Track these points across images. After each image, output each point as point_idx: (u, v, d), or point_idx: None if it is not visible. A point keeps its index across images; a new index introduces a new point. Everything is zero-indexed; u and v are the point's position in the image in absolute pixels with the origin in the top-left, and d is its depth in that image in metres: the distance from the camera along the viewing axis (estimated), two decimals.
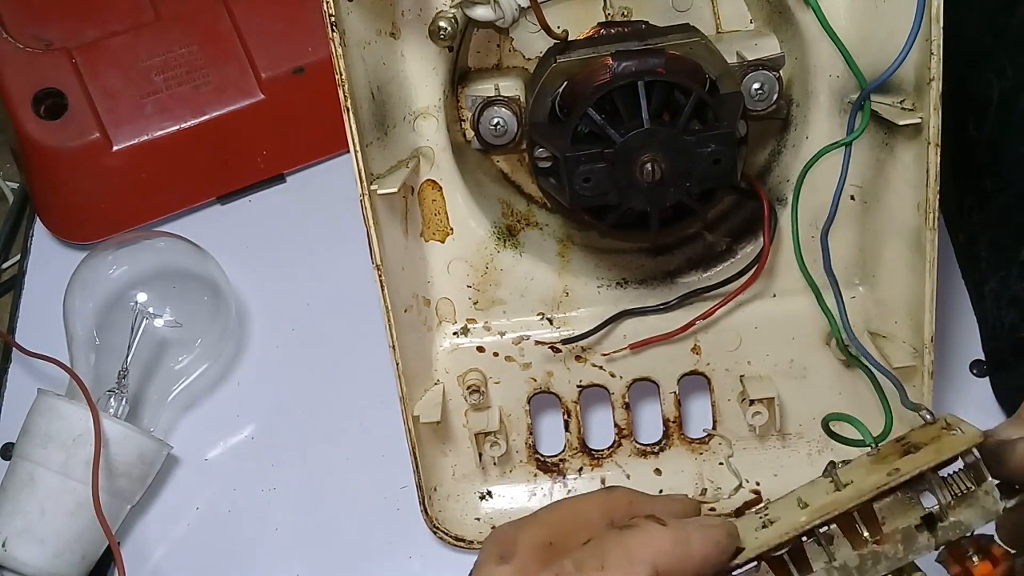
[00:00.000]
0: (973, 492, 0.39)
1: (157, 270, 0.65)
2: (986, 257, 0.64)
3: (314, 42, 0.72)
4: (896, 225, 0.55)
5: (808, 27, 0.54)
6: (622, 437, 0.61)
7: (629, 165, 0.50)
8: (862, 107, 0.52)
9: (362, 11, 0.52)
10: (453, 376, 0.60)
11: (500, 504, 0.61)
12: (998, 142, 0.63)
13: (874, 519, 0.40)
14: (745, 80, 0.55)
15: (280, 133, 0.73)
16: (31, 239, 0.75)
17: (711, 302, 0.59)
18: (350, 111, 0.50)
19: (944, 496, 0.39)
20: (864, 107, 0.52)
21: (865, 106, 0.52)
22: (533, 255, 0.60)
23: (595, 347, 0.60)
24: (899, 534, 0.39)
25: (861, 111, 0.52)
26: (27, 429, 0.59)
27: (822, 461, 0.60)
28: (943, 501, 0.39)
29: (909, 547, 0.39)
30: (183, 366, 0.64)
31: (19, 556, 0.57)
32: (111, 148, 0.70)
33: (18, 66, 0.69)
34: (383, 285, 0.53)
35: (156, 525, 0.63)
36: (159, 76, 0.71)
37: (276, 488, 0.64)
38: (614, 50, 0.52)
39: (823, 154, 0.53)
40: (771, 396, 0.59)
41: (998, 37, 0.63)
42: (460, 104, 0.58)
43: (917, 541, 0.39)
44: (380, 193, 0.52)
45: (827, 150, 0.53)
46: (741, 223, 0.60)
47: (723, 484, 0.60)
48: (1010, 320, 0.62)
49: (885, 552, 0.39)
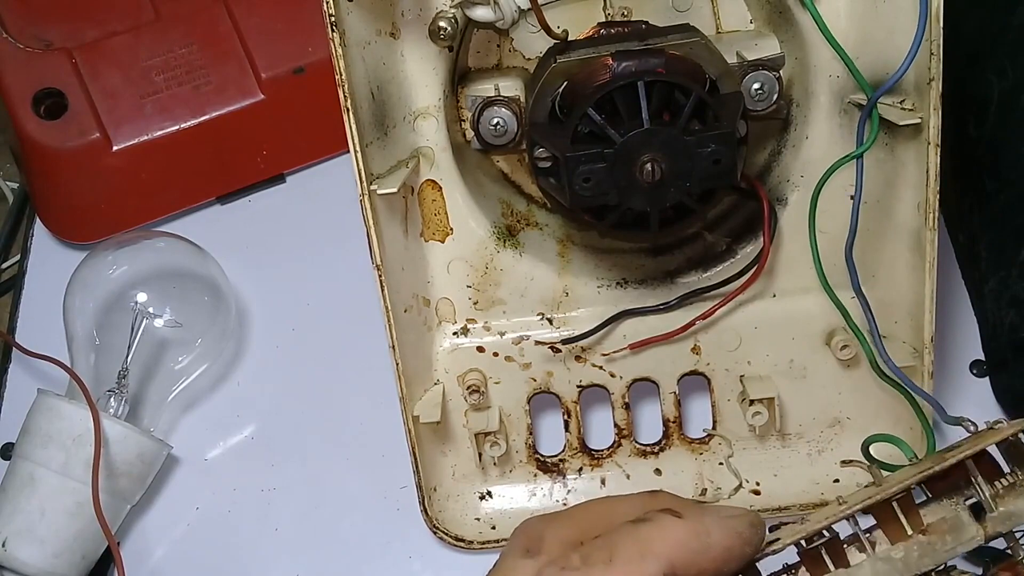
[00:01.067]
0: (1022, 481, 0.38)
1: (157, 270, 0.65)
2: (986, 257, 0.64)
3: (314, 42, 0.72)
4: (896, 225, 0.55)
5: (808, 27, 0.54)
6: (622, 437, 0.61)
7: (629, 165, 0.50)
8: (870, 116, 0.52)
9: (362, 11, 0.52)
10: (453, 376, 0.60)
11: (500, 504, 0.61)
12: (998, 142, 0.63)
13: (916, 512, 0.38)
14: (745, 80, 0.55)
15: (280, 133, 0.73)
16: (31, 239, 0.75)
17: (711, 302, 0.58)
18: (350, 111, 0.50)
19: (991, 487, 0.38)
20: (872, 115, 0.52)
21: (873, 114, 0.52)
22: (533, 255, 0.60)
23: (595, 347, 0.60)
24: (946, 524, 0.38)
25: (869, 120, 0.52)
26: (27, 429, 0.59)
27: (822, 461, 0.61)
28: (990, 492, 0.38)
29: (957, 538, 0.38)
30: (183, 366, 0.64)
31: (19, 556, 0.57)
32: (111, 148, 0.70)
33: (18, 66, 0.69)
34: (383, 285, 0.53)
35: (156, 525, 0.63)
36: (159, 76, 0.71)
37: (276, 488, 0.64)
38: (614, 50, 0.52)
39: (835, 169, 0.53)
40: (771, 396, 0.59)
41: (998, 37, 0.63)
42: (460, 104, 0.58)
43: (966, 532, 0.38)
44: (380, 193, 0.52)
45: (839, 164, 0.53)
46: (741, 223, 0.60)
47: (723, 484, 0.60)
48: (1010, 320, 0.62)
49: (932, 543, 0.38)
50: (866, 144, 0.52)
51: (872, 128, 0.52)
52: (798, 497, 0.60)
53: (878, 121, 0.52)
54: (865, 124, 0.52)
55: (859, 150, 0.52)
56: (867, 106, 0.52)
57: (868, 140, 0.52)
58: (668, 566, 0.34)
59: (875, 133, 0.52)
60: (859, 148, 0.52)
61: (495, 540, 0.59)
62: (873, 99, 0.51)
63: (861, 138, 0.53)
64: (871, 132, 0.52)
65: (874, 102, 0.51)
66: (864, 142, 0.52)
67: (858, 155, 0.52)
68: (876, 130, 0.52)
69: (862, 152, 0.52)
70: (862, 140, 0.53)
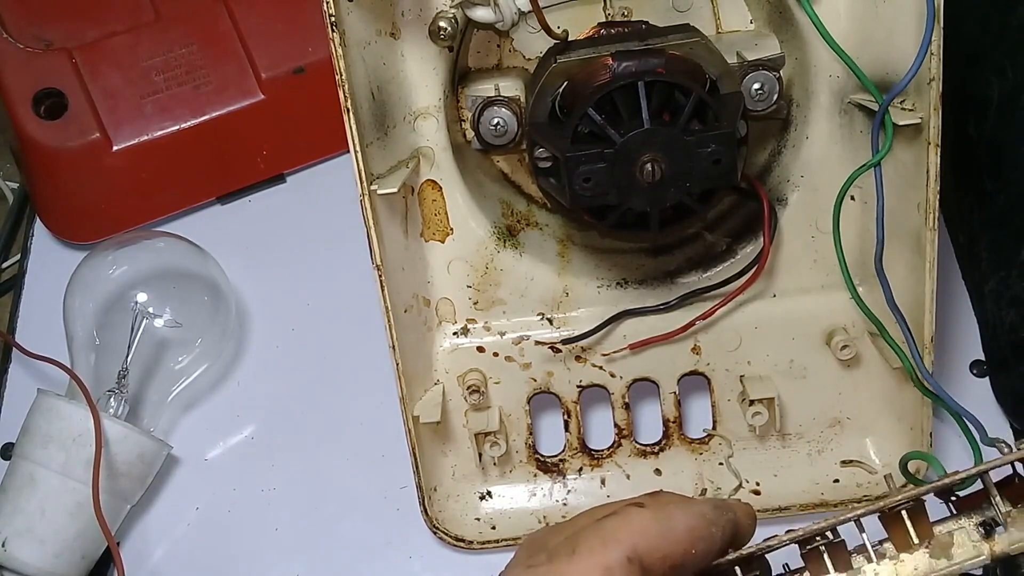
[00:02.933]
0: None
1: (157, 270, 0.65)
2: (986, 257, 0.64)
3: (314, 42, 0.72)
4: (896, 225, 0.55)
5: (808, 27, 0.54)
6: (622, 437, 0.61)
7: (629, 165, 0.50)
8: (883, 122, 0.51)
9: (362, 11, 0.52)
10: (453, 376, 0.60)
11: (500, 504, 0.61)
12: (998, 142, 0.63)
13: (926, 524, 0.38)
14: (745, 80, 0.55)
15: (280, 133, 0.73)
16: (31, 239, 0.75)
17: (711, 302, 0.59)
18: (350, 111, 0.50)
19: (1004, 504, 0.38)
20: (885, 121, 0.51)
21: (887, 120, 0.51)
22: (533, 255, 0.60)
23: (595, 347, 0.60)
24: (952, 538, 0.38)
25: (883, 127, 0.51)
26: (27, 429, 0.59)
27: (822, 461, 0.61)
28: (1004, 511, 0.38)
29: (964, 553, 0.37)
30: (183, 366, 0.64)
31: (19, 556, 0.57)
32: (111, 148, 0.70)
33: (18, 66, 0.69)
34: (383, 285, 0.53)
35: (156, 525, 0.63)
36: (159, 76, 0.71)
37: (276, 488, 0.64)
38: (614, 50, 0.52)
39: (854, 179, 0.52)
40: (771, 396, 0.59)
41: (998, 37, 0.63)
42: (460, 104, 0.58)
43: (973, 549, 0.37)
44: (380, 193, 0.52)
45: (858, 173, 0.52)
46: (741, 223, 0.60)
47: (723, 484, 0.60)
48: (1010, 320, 0.62)
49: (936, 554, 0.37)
50: (883, 152, 0.51)
51: (887, 135, 0.51)
52: (798, 497, 0.60)
53: (892, 128, 0.51)
54: (879, 131, 0.52)
55: (876, 158, 0.51)
56: (879, 112, 0.51)
57: (884, 147, 0.51)
58: (631, 550, 0.35)
59: (890, 140, 0.51)
60: (876, 156, 0.51)
61: (495, 540, 0.59)
62: (884, 104, 0.51)
63: (876, 145, 0.52)
64: (886, 139, 0.51)
65: (885, 107, 0.51)
66: (880, 149, 0.51)
67: (875, 163, 0.51)
68: (891, 137, 0.51)
69: (879, 160, 0.51)
70: (877, 147, 0.52)
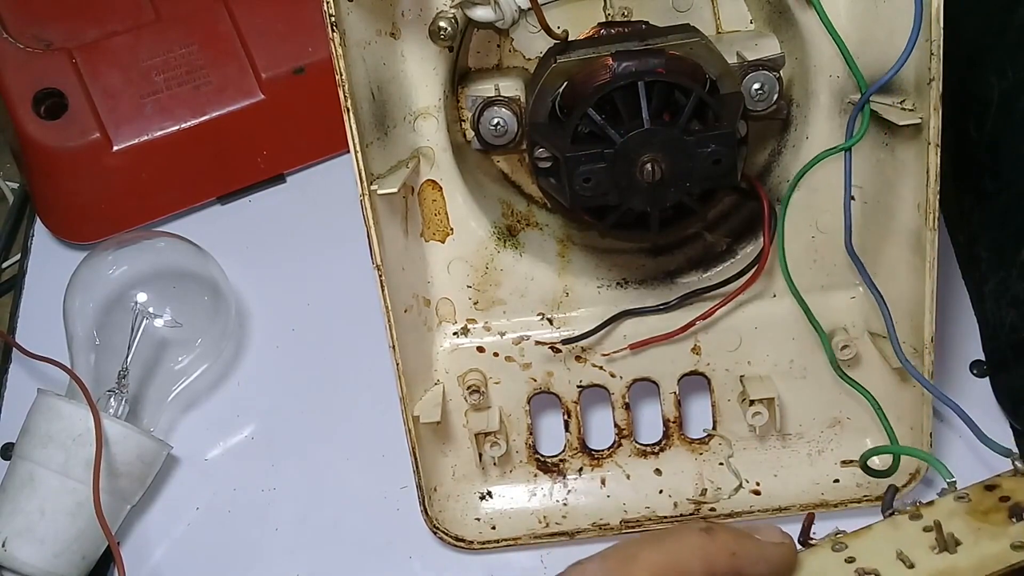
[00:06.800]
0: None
1: (157, 270, 0.65)
2: (986, 257, 0.64)
3: (314, 42, 0.72)
4: (896, 225, 0.55)
5: (808, 27, 0.54)
6: (622, 437, 0.61)
7: (629, 165, 0.50)
8: (862, 111, 0.52)
9: (362, 11, 0.52)
10: (453, 376, 0.60)
11: (500, 504, 0.61)
12: (998, 142, 0.63)
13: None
14: (745, 80, 0.55)
15: (280, 133, 0.73)
16: (31, 239, 0.75)
17: (711, 302, 0.59)
18: (350, 111, 0.50)
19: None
20: (864, 110, 0.52)
21: (865, 109, 0.52)
22: (533, 255, 0.60)
23: (595, 347, 0.60)
24: None
25: (861, 114, 0.52)
26: (27, 429, 0.59)
27: (822, 461, 0.61)
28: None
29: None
30: (183, 366, 0.64)
31: (19, 556, 0.57)
32: (111, 148, 0.70)
33: (18, 66, 0.69)
34: (383, 285, 0.53)
35: (156, 525, 0.63)
36: (159, 76, 0.71)
37: (276, 488, 0.64)
38: (614, 50, 0.52)
39: (820, 159, 0.53)
40: (771, 396, 0.59)
41: (998, 37, 0.63)
42: (460, 104, 0.58)
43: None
44: (380, 193, 0.52)
45: (825, 155, 0.53)
46: (741, 223, 0.60)
47: (723, 484, 0.60)
48: (1010, 320, 0.62)
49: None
50: (855, 137, 0.52)
51: (863, 122, 0.52)
52: (798, 497, 0.60)
53: (869, 116, 0.52)
54: (856, 118, 0.52)
55: (848, 143, 0.52)
56: (860, 101, 0.52)
57: (858, 134, 0.52)
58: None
59: (865, 126, 0.52)
60: (848, 141, 0.52)
61: (495, 540, 0.59)
62: (866, 95, 0.51)
63: (851, 131, 0.53)
64: (862, 126, 0.52)
65: (867, 98, 0.52)
66: (854, 136, 0.52)
67: (846, 148, 0.52)
68: (867, 124, 0.52)
69: (851, 145, 0.52)
70: (851, 133, 0.53)
